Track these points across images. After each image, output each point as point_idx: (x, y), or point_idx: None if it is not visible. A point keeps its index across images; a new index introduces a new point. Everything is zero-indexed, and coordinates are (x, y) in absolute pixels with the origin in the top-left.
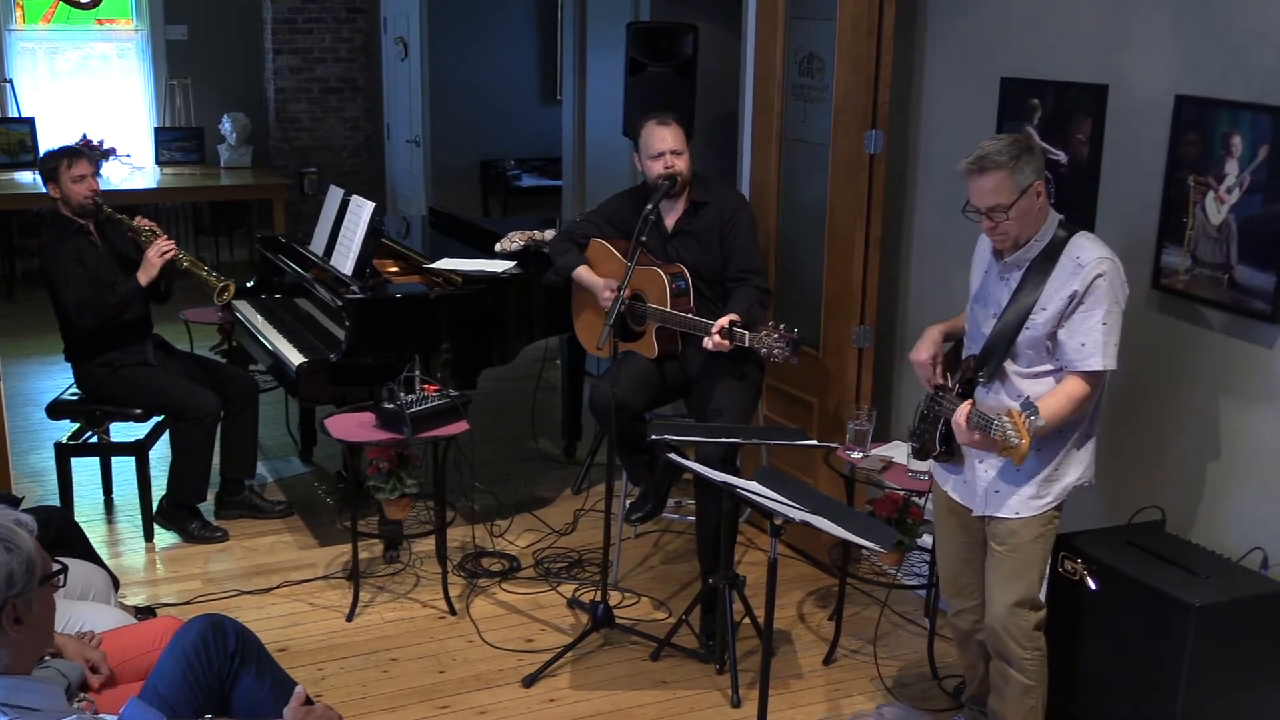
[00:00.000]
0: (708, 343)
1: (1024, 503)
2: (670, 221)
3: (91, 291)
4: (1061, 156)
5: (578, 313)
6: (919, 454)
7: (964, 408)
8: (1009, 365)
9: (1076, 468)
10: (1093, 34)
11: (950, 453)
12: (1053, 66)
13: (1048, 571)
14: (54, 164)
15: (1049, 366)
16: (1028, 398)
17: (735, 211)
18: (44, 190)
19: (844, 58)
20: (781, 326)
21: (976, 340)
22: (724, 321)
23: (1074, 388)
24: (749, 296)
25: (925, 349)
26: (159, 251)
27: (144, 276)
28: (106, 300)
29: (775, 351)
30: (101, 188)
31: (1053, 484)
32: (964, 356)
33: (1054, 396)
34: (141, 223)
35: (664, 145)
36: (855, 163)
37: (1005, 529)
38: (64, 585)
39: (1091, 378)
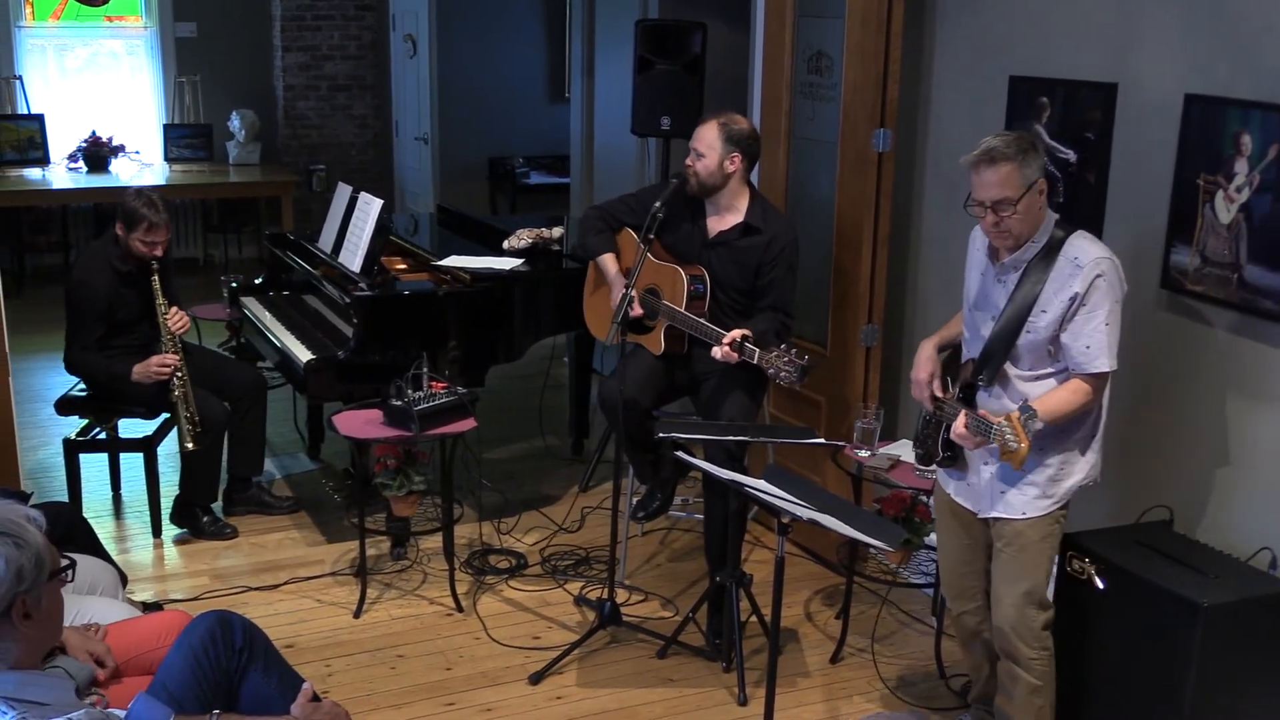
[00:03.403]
0: (716, 351)
1: (1030, 503)
2: (713, 229)
3: (92, 350)
4: (1070, 155)
5: (591, 292)
6: (923, 460)
7: (963, 415)
8: (1009, 368)
9: (1083, 468)
10: (1102, 33)
11: (955, 457)
12: (1062, 65)
13: (1054, 571)
14: (135, 217)
15: (1050, 369)
16: (1025, 401)
17: (782, 249)
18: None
19: (852, 55)
20: (792, 351)
21: (976, 344)
22: (736, 334)
23: (1078, 389)
24: (770, 321)
25: (924, 368)
26: (159, 366)
27: (136, 373)
28: (96, 371)
29: (782, 374)
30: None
31: (1058, 484)
32: (963, 360)
33: (1056, 396)
34: (173, 320)
35: (692, 142)
36: (863, 161)
37: (1012, 530)
38: (72, 580)
39: (1097, 379)
